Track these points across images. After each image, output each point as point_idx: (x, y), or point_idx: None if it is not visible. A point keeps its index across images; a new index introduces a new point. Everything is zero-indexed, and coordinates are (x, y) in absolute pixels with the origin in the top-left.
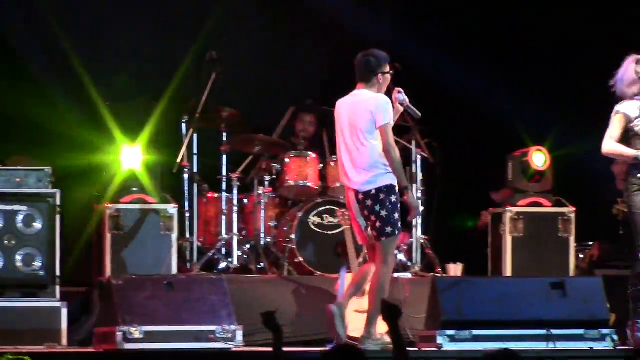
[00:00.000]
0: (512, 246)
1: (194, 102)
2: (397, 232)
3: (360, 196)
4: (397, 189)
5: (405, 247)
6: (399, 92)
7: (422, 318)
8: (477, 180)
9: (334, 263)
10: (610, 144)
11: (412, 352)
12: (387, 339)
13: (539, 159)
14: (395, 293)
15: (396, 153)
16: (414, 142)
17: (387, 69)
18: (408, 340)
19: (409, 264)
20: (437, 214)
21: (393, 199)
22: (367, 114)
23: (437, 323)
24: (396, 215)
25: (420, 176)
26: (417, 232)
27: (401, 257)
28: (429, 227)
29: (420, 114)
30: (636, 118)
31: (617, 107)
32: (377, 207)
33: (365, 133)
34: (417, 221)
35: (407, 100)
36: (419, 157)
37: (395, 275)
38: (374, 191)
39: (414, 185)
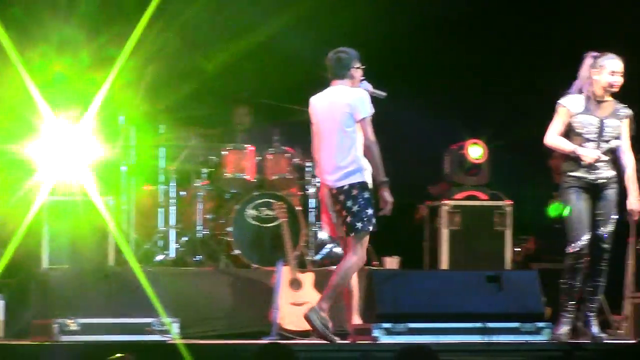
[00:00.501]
0: (449, 239)
1: (132, 95)
2: (367, 228)
3: (334, 191)
4: (370, 186)
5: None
6: (361, 81)
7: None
8: (415, 173)
9: (270, 256)
10: (552, 137)
11: (348, 345)
12: (329, 322)
13: (475, 151)
14: None
15: (377, 147)
16: None
17: (358, 64)
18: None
19: None
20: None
21: (366, 195)
22: (345, 107)
23: (373, 316)
24: (368, 212)
25: None
26: None
27: (338, 250)
28: None
29: (385, 93)
30: (578, 114)
31: (561, 100)
32: (349, 203)
33: (344, 128)
34: None
35: (370, 86)
36: None
37: (333, 267)
38: (347, 187)
39: None
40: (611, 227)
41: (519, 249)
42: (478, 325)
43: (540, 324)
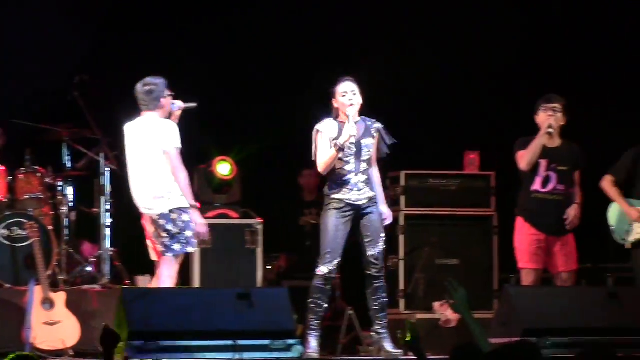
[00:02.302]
0: (201, 258)
1: None
2: (184, 250)
3: (155, 217)
4: (187, 209)
5: (94, 259)
6: (172, 103)
7: None
8: None
9: (23, 275)
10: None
11: None
12: None
13: (223, 168)
14: (84, 305)
15: (185, 174)
16: (102, 155)
17: (167, 92)
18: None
19: (98, 275)
20: (127, 225)
21: (184, 218)
22: (157, 139)
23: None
24: (186, 234)
25: (109, 188)
26: (106, 244)
27: (90, 269)
28: (118, 239)
29: (195, 104)
30: (334, 139)
31: (317, 126)
32: (170, 226)
33: (157, 158)
34: (106, 233)
35: (182, 103)
36: (107, 169)
37: (84, 287)
38: (167, 211)
39: (102, 198)
40: (381, 246)
41: (271, 267)
42: (229, 342)
43: (291, 341)
